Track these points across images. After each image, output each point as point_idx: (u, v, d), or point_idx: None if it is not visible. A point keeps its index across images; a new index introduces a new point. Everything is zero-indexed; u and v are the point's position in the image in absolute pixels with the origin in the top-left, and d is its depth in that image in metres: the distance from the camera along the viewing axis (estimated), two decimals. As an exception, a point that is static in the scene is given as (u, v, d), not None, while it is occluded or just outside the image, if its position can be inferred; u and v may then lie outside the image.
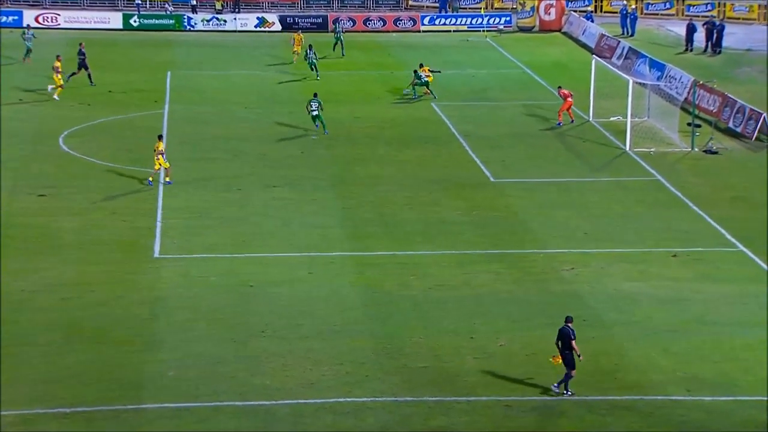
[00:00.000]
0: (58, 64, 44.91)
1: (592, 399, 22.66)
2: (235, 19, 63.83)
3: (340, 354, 24.51)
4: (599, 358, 24.42)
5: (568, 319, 22.83)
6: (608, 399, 22.67)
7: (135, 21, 62.66)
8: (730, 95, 43.81)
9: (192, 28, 63.47)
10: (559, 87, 41.42)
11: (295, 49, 50.27)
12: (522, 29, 65.51)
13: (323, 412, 21.98)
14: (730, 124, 42.91)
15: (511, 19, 65.51)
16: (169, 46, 59.10)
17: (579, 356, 22.55)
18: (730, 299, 27.52)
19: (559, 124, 39.95)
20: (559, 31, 64.95)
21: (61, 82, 44.22)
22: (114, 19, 62.30)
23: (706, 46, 57.44)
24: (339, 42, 52.71)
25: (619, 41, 56.61)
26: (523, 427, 21.48)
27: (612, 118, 44.35)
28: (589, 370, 23.77)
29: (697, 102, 43.37)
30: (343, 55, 47.40)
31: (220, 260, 29.76)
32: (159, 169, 35.14)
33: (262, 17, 64.09)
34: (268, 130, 42.88)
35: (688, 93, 45.33)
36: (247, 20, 63.92)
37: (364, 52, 59.08)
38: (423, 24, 64.87)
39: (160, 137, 35.84)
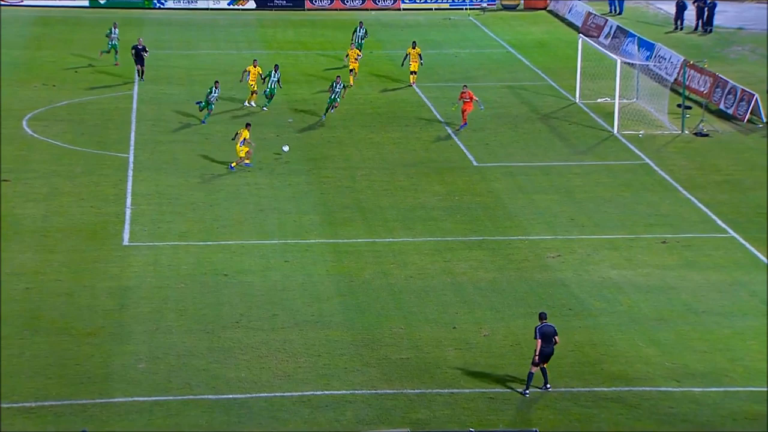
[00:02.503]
0: (252, 69, 42.12)
1: (577, 390, 22.82)
2: (207, -4, 63.58)
3: (317, 345, 24.57)
4: (585, 348, 24.59)
5: (543, 316, 22.65)
6: (594, 390, 22.84)
7: (102, -2, 62.31)
8: (721, 76, 44.01)
9: (162, 6, 63.19)
10: (465, 86, 41.51)
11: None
12: (506, 7, 65.55)
13: (300, 406, 22.06)
14: (722, 106, 43.12)
15: (495, -4, 65.51)
16: (138, 24, 58.79)
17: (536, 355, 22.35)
18: (719, 287, 27.74)
19: (464, 125, 39.72)
20: (545, 9, 65.02)
21: (255, 88, 41.73)
22: (80, -4, 61.99)
23: (697, 25, 57.67)
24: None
25: (607, 20, 56.70)
26: (506, 420, 21.60)
27: (599, 100, 44.48)
28: (574, 361, 23.93)
29: (687, 83, 43.56)
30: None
31: (191, 248, 29.75)
32: (243, 157, 35.08)
33: (236, -6, 63.87)
34: (241, 111, 42.78)
35: (678, 73, 45.52)
36: (220, -3, 63.67)
37: (341, 31, 58.98)
38: (403, 2, 64.82)
39: (247, 125, 35.64)
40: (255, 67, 42.54)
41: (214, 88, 41.04)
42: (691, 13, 58.09)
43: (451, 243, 30.33)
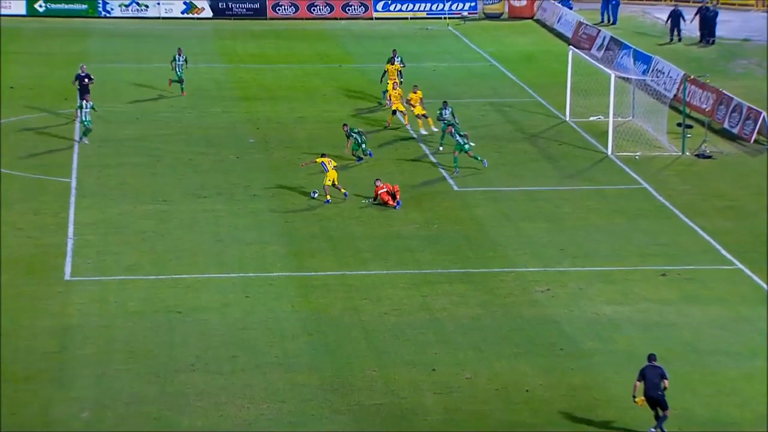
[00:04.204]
0: (414, 96, 41.53)
1: (569, 439, 22.90)
2: (158, 4, 63.74)
3: (282, 390, 24.56)
4: (578, 392, 24.68)
5: (653, 357, 22.98)
6: (587, 438, 22.92)
7: (41, 6, 62.34)
8: (725, 92, 44.41)
9: (108, 15, 63.29)
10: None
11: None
12: (489, 16, 66.06)
13: (261, 458, 22.00)
14: (726, 125, 43.53)
15: (476, 4, 66.00)
16: (81, 35, 58.83)
17: (634, 397, 22.69)
18: (724, 324, 27.92)
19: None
20: (532, 18, 65.55)
21: (423, 111, 41.17)
22: (16, 5, 61.92)
23: (701, 36, 58.23)
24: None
25: (600, 30, 57.23)
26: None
27: (592, 118, 44.80)
28: (567, 406, 24.02)
29: (688, 99, 43.96)
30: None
31: (141, 283, 29.69)
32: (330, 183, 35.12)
33: (190, 2, 64.06)
34: (198, 131, 42.85)
35: (678, 89, 45.92)
36: (173, 6, 63.86)
37: (307, 42, 59.24)
38: (376, 10, 65.22)
39: (323, 155, 35.74)
40: None
41: (177, 56, 43.55)
42: (691, 23, 58.61)
43: (430, 276, 30.41)
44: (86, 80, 42.84)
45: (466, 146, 38.10)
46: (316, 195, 35.49)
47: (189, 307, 28.29)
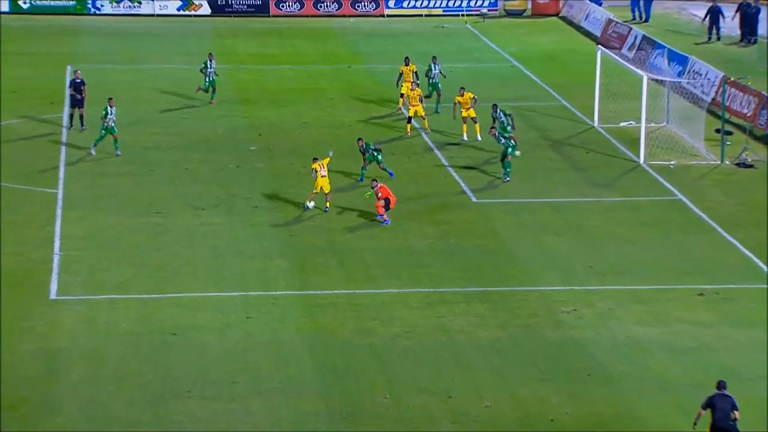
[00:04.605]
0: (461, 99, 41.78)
1: (597, 472, 22.90)
2: (152, 0, 64.01)
3: (286, 418, 24.58)
4: (606, 420, 24.67)
5: (723, 385, 22.86)
6: (617, 472, 22.92)
7: (25, 2, 62.65)
8: None
9: (98, 12, 63.61)
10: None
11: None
12: (510, 13, 66.22)
13: (263, 491, 22.04)
14: (768, 131, 43.56)
15: (496, 1, 66.19)
16: (69, 33, 59.12)
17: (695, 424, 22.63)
18: (765, 348, 27.87)
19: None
20: (557, 15, 65.70)
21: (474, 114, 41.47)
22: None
23: (741, 35, 58.22)
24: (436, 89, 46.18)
25: (631, 28, 57.31)
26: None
27: (622, 124, 44.84)
28: (594, 435, 24.04)
29: (727, 103, 43.95)
30: (438, 109, 44.98)
31: (133, 302, 29.77)
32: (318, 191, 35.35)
33: (187, -3, 64.33)
34: (195, 137, 42.98)
35: (717, 92, 45.92)
36: (168, 2, 64.15)
37: (313, 41, 59.43)
38: (388, 6, 65.43)
39: (314, 159, 35.73)
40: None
41: (209, 62, 44.77)
42: (731, 21, 58.62)
43: (446, 295, 30.43)
44: (82, 88, 42.87)
45: (510, 150, 38.12)
46: (311, 206, 35.53)
47: (185, 328, 28.35)
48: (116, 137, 40.24)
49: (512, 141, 38.59)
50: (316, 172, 35.47)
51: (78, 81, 43.12)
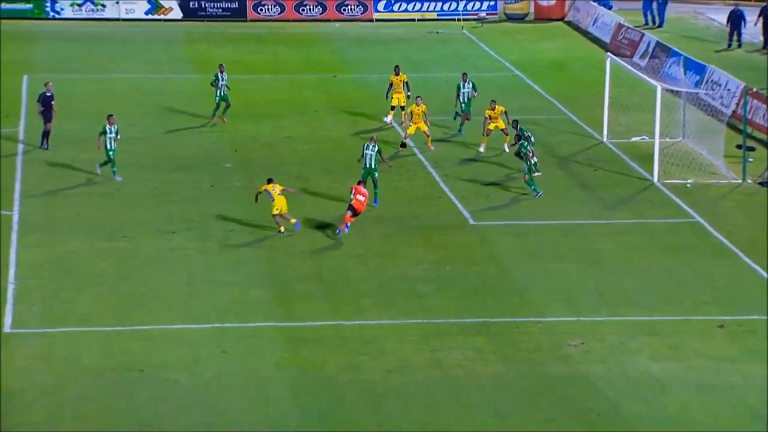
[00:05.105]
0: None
1: None
2: (117, 3, 64.07)
3: (264, 463, 24.52)
4: (618, 465, 24.63)
5: None
6: None
7: (-22, 6, 62.66)
8: (792, 107, 44.60)
9: (58, 16, 63.62)
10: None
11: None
12: (511, 17, 66.37)
13: None
14: (794, 147, 43.65)
15: (496, 3, 66.36)
16: (26, 39, 59.08)
17: None
18: (794, 384, 27.88)
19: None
20: (562, 20, 65.87)
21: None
22: (-51, 4, 62.35)
23: (765, 41, 58.38)
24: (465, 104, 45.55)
25: (643, 34, 57.45)
26: None
27: (634, 139, 44.88)
28: (605, 482, 23.97)
29: (749, 116, 44.04)
30: (462, 131, 45.50)
31: (96, 335, 29.66)
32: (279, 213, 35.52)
33: (156, 0, 64.38)
34: (165, 153, 42.92)
35: (738, 104, 46.03)
36: (135, 5, 64.20)
37: (296, 48, 59.49)
38: (376, 10, 65.56)
39: (269, 180, 35.92)
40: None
41: (219, 74, 44.39)
42: (754, 26, 58.81)
43: (442, 326, 30.38)
44: (52, 102, 42.75)
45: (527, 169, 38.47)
46: (299, 227, 35.48)
47: (153, 364, 28.23)
48: (114, 160, 39.98)
49: (529, 160, 38.87)
50: (270, 192, 35.39)
51: (48, 95, 42.96)
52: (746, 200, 39.75)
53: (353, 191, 35.33)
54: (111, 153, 39.74)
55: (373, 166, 37.68)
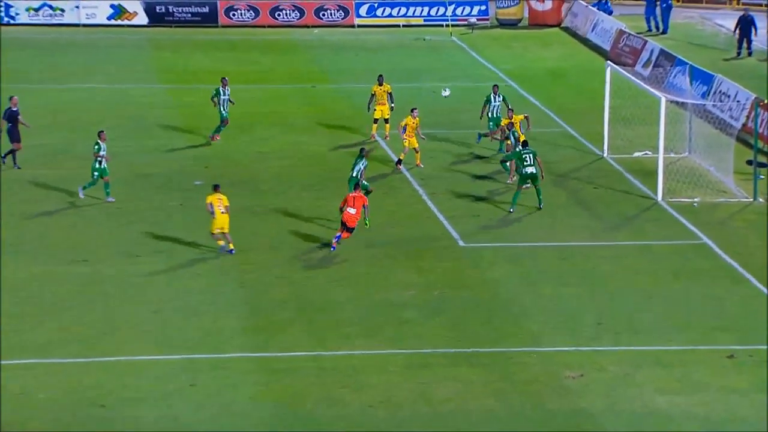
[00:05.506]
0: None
1: None
2: (77, 7, 64.04)
3: (237, 506, 24.44)
4: (621, 507, 24.60)
5: None
6: None
7: None
8: (807, 120, 44.74)
9: (12, 21, 63.63)
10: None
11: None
12: (503, 23, 66.57)
13: None
14: (808, 162, 43.76)
15: (487, 8, 66.51)
16: (-20, 46, 59.00)
17: None
18: (811, 419, 27.90)
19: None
20: (558, 26, 66.11)
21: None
22: None
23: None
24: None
25: (646, 41, 57.64)
26: None
27: (636, 154, 44.97)
28: None
29: (760, 130, 44.16)
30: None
31: (54, 367, 29.54)
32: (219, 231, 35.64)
33: (119, 5, 64.39)
34: (130, 170, 42.85)
35: (749, 117, 46.15)
36: (96, 9, 64.21)
37: (271, 56, 59.54)
38: (358, 15, 65.69)
39: (215, 187, 35.87)
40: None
41: (222, 89, 44.47)
42: (763, 33, 59.04)
43: (430, 357, 30.35)
44: (19, 117, 42.59)
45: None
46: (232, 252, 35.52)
47: (118, 399, 28.13)
48: (108, 180, 39.83)
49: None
50: (213, 207, 35.37)
51: (14, 110, 42.79)
52: (757, 220, 39.82)
53: (344, 203, 35.38)
54: (97, 173, 39.56)
55: (357, 177, 37.65)
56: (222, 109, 45.74)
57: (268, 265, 35.42)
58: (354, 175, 38.18)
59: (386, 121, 45.87)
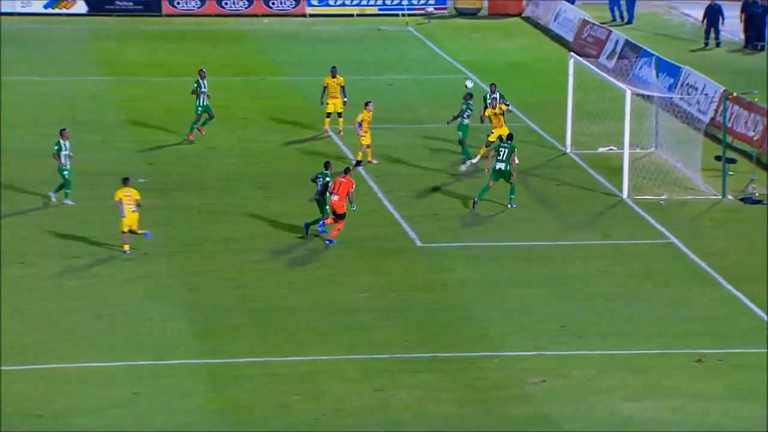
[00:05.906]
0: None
1: None
2: (11, -5, 63.71)
3: None
4: None
5: None
6: None
7: None
8: (778, 114, 44.94)
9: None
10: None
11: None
12: (462, 12, 66.66)
13: None
14: (780, 158, 44.01)
15: (445, -4, 66.58)
16: None
17: None
18: (783, 425, 28.07)
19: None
20: (519, 15, 66.23)
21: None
22: None
23: (746, 40, 58.86)
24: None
25: (611, 32, 57.84)
26: None
27: (601, 150, 45.10)
28: None
29: (729, 125, 44.37)
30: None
31: (-9, 375, 29.42)
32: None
33: (57, -7, 64.10)
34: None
35: (717, 111, 46.35)
36: (32, -2, 63.87)
37: (219, 47, 59.42)
38: (310, 4, 65.63)
39: (125, 181, 35.74)
40: None
41: (201, 81, 44.11)
42: (733, 22, 59.24)
43: (387, 362, 30.36)
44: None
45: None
46: (149, 236, 35.46)
47: (56, 409, 27.99)
48: (69, 181, 39.59)
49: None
50: (123, 204, 35.28)
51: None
52: (727, 218, 40.01)
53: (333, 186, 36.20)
54: (66, 173, 39.36)
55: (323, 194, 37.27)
56: (200, 102, 45.41)
57: (217, 267, 35.34)
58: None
59: (339, 115, 45.84)
